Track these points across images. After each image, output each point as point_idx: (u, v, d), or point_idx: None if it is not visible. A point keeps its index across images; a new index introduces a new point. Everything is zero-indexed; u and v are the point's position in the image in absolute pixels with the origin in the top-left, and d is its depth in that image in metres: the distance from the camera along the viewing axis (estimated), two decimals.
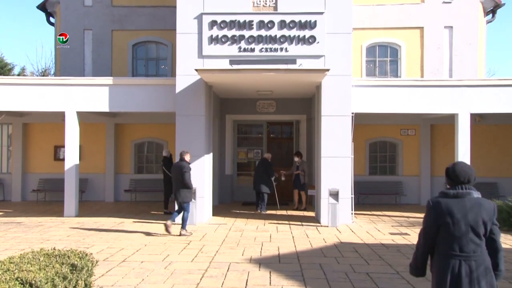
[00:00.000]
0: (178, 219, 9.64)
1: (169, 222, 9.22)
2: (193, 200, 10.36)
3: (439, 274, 3.17)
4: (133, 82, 12.12)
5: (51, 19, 15.98)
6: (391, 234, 9.60)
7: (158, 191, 14.57)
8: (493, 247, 3.18)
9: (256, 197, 12.85)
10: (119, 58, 15.29)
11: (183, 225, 9.44)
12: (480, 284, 3.08)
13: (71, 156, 11.89)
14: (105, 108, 11.84)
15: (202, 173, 11.05)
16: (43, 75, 27.71)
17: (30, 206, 13.98)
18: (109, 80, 11.91)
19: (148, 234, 9.53)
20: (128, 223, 10.83)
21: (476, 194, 3.22)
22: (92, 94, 11.81)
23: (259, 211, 12.53)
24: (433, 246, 3.23)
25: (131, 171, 15.39)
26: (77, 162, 12.03)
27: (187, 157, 9.55)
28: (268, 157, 13.02)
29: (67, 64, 15.19)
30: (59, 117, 13.43)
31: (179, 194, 9.39)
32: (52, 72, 27.10)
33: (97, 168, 15.24)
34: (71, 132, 11.88)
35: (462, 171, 3.26)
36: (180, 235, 9.31)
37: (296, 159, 13.19)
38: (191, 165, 9.84)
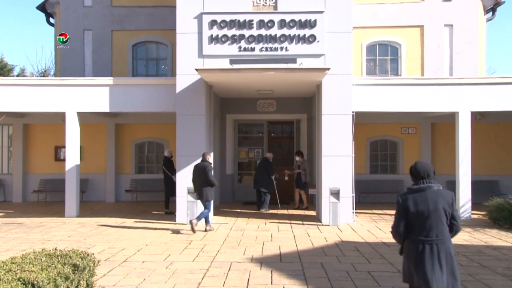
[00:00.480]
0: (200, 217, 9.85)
1: (208, 227, 9.86)
2: (192, 200, 10.47)
3: (407, 255, 3.88)
4: (133, 82, 12.13)
5: (51, 20, 16.00)
6: None
7: (159, 191, 14.57)
8: (454, 229, 3.83)
9: (257, 197, 12.88)
10: (119, 58, 15.30)
11: (199, 217, 9.66)
12: (441, 264, 3.66)
13: (72, 157, 11.91)
14: (106, 109, 11.86)
15: None
16: (43, 76, 27.72)
17: (31, 206, 14.00)
18: (109, 80, 11.93)
19: (150, 231, 9.59)
20: (129, 223, 10.84)
21: (436, 187, 3.84)
22: (92, 95, 11.83)
23: (262, 210, 12.57)
24: (407, 232, 3.85)
25: (131, 171, 15.40)
26: (78, 162, 12.05)
27: (209, 158, 10.08)
28: (269, 157, 13.11)
29: (67, 64, 15.21)
30: (60, 117, 13.44)
31: (203, 193, 9.80)
32: (52, 73, 27.12)
33: (98, 168, 15.26)
34: (71, 133, 11.90)
35: (421, 167, 3.88)
36: (192, 229, 9.61)
37: (297, 158, 13.24)
38: (196, 162, 10.39)
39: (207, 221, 9.90)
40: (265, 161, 13.03)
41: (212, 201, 9.95)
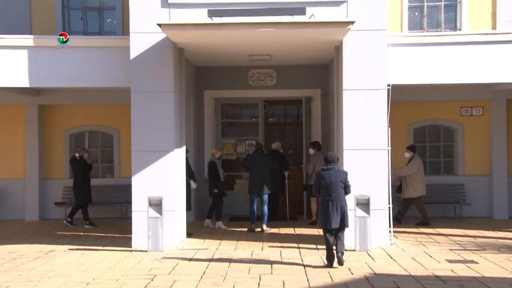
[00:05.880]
0: None
1: (265, 227, 12.93)
2: (156, 216, 10.73)
3: (321, 208, 9.45)
4: (66, 44, 12.17)
5: None
6: (450, 261, 9.78)
7: (105, 204, 14.66)
8: (346, 192, 9.45)
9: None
10: (42, 6, 15.16)
11: (265, 220, 12.93)
12: (338, 212, 9.21)
13: None
14: (23, 83, 11.89)
15: (171, 176, 11.25)
16: None
17: None
18: (27, 40, 11.89)
19: (93, 263, 9.72)
20: (60, 252, 10.92)
21: (337, 167, 9.54)
22: (1, 61, 11.80)
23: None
24: (319, 193, 9.54)
25: (65, 175, 15.49)
26: None
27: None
28: (278, 148, 14.15)
29: None
30: None
31: (269, 185, 12.98)
32: None
33: (13, 171, 15.31)
34: None
35: (329, 156, 9.60)
36: (263, 230, 12.77)
37: (311, 151, 13.70)
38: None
39: (265, 220, 12.95)
40: (277, 154, 13.75)
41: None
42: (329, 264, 9.34)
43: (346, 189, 9.51)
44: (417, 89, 13.26)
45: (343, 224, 9.40)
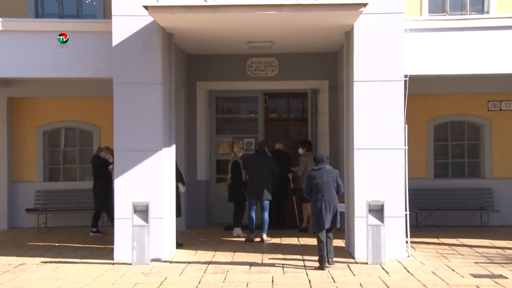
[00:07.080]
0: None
1: (266, 237, 12.97)
2: (142, 224, 10.74)
3: (312, 209, 10.51)
4: (39, 28, 12.14)
5: None
6: (475, 276, 9.76)
7: (85, 210, 14.67)
8: (339, 191, 10.47)
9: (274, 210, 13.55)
10: None
11: (265, 229, 12.96)
12: (330, 212, 10.24)
13: None
14: None
15: (159, 178, 11.27)
16: None
17: None
18: None
19: (70, 277, 9.72)
20: (32, 265, 10.91)
21: (328, 167, 10.53)
22: None
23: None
24: (311, 194, 10.48)
25: (38, 177, 15.52)
26: None
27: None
28: (282, 148, 14.27)
29: None
30: None
31: (270, 190, 13.00)
32: None
33: None
34: None
35: (319, 156, 10.77)
36: (263, 240, 12.81)
37: (301, 151, 13.89)
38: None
39: (266, 230, 13.02)
40: (281, 154, 13.94)
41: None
42: (321, 267, 10.20)
43: (339, 188, 10.47)
44: (438, 80, 13.28)
45: (334, 223, 10.38)
